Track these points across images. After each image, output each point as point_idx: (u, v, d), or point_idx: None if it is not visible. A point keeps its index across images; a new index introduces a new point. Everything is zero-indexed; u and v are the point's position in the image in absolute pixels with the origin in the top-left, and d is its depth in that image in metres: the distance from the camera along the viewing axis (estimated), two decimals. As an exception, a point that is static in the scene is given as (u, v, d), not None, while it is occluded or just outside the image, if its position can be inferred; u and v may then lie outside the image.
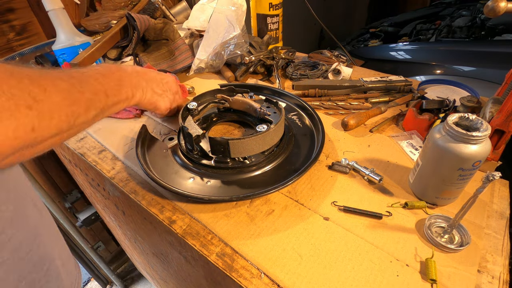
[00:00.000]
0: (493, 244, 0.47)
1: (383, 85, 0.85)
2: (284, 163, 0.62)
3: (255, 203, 0.55)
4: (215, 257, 0.47)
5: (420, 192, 0.54)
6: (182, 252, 0.57)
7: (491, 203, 0.54)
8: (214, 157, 0.62)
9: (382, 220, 0.51)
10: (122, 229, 0.92)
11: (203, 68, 1.02)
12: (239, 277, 0.44)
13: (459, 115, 0.47)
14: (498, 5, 0.46)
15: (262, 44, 1.05)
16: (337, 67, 0.93)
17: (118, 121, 0.80)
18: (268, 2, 1.02)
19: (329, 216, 0.52)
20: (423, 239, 0.48)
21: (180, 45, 1.04)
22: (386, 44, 2.28)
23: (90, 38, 1.06)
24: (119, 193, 0.65)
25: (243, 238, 0.49)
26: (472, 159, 0.44)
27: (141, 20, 0.99)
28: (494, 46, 1.73)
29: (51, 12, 0.95)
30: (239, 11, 1.02)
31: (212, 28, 0.99)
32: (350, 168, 0.60)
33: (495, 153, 0.58)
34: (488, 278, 0.43)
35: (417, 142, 0.67)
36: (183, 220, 0.53)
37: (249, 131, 0.74)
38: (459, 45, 1.84)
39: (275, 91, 0.82)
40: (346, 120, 0.71)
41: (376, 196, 0.55)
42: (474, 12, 2.28)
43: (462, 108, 0.69)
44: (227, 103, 0.75)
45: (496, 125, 0.55)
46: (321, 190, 0.57)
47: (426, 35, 2.21)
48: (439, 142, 0.47)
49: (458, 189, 0.50)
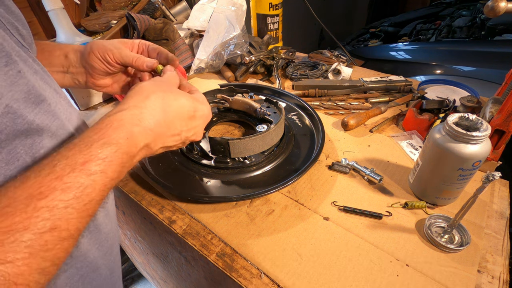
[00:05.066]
0: (493, 244, 0.47)
1: (383, 85, 0.85)
2: (284, 163, 0.62)
3: (255, 203, 0.55)
4: (215, 257, 0.47)
5: (420, 192, 0.54)
6: (182, 252, 0.57)
7: (491, 203, 0.54)
8: (214, 157, 0.62)
9: (382, 220, 0.51)
10: (122, 229, 0.92)
11: (203, 68, 1.02)
12: (239, 277, 0.44)
13: (459, 115, 0.47)
14: (498, 5, 0.46)
15: (262, 44, 1.05)
16: (337, 67, 0.93)
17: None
18: (268, 2, 1.02)
19: (329, 216, 0.52)
20: (423, 239, 0.48)
21: (180, 45, 1.04)
22: (386, 44, 2.28)
23: (90, 38, 1.06)
24: (119, 193, 0.64)
25: (243, 238, 0.49)
26: (472, 159, 0.44)
27: (141, 20, 0.99)
28: (494, 46, 1.73)
29: (51, 12, 0.95)
30: (239, 11, 1.02)
31: (212, 28, 0.99)
32: (350, 168, 0.60)
33: (495, 153, 0.58)
34: (488, 278, 0.43)
35: (417, 142, 0.67)
36: (183, 220, 0.53)
37: (249, 131, 0.74)
38: (459, 45, 1.84)
39: (275, 91, 0.82)
40: (346, 120, 0.71)
41: (376, 196, 0.55)
42: (474, 12, 2.27)
43: (462, 108, 0.69)
44: (227, 103, 0.75)
45: (496, 125, 0.55)
46: (321, 190, 0.57)
47: (426, 35, 2.21)
48: (439, 142, 0.47)
49: (458, 189, 0.50)
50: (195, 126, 0.43)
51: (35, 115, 0.30)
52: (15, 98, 0.28)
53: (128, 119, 0.33)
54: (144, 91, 0.38)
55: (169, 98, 0.39)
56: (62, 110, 0.34)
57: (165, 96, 0.38)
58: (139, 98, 0.36)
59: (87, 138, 0.30)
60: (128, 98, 0.37)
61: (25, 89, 0.29)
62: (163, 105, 0.38)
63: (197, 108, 0.43)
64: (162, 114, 0.37)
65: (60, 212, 0.25)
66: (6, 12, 0.33)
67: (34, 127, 0.30)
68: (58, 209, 0.25)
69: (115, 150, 0.30)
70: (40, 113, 0.30)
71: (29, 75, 0.30)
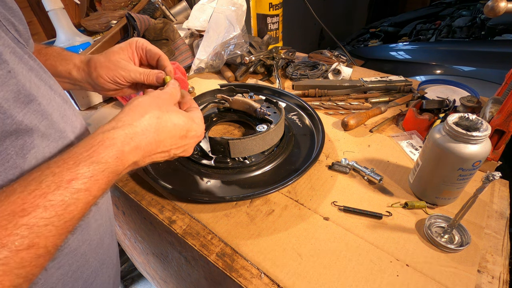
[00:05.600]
0: (493, 244, 0.47)
1: (383, 85, 0.85)
2: (284, 163, 0.62)
3: (255, 203, 0.55)
4: (215, 257, 0.47)
5: (420, 192, 0.54)
6: (182, 252, 0.57)
7: (491, 203, 0.54)
8: (214, 157, 0.62)
9: (382, 220, 0.51)
10: (122, 229, 0.92)
11: (203, 68, 1.02)
12: (239, 277, 0.44)
13: (459, 115, 0.47)
14: (498, 5, 0.46)
15: (262, 44, 1.05)
16: (337, 67, 0.93)
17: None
18: (268, 2, 1.02)
19: (329, 216, 0.52)
20: (423, 239, 0.48)
21: (180, 45, 1.04)
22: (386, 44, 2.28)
23: (90, 38, 1.06)
24: (119, 193, 0.64)
25: (243, 238, 0.49)
26: (472, 159, 0.44)
27: (141, 20, 0.99)
28: (494, 46, 1.73)
29: (51, 12, 0.95)
30: (239, 11, 1.02)
31: (212, 28, 0.99)
32: (350, 168, 0.60)
33: (495, 153, 0.58)
34: (488, 278, 0.43)
35: (417, 142, 0.67)
36: (183, 220, 0.53)
37: (249, 131, 0.74)
38: (459, 45, 1.84)
39: (275, 91, 0.82)
40: (346, 120, 0.71)
41: (376, 196, 0.55)
42: (474, 12, 2.28)
43: (462, 108, 0.69)
44: (227, 103, 0.75)
45: (496, 125, 0.55)
46: (321, 190, 0.57)
47: (426, 35, 2.21)
48: (439, 142, 0.47)
49: (458, 189, 0.50)
50: (185, 145, 0.43)
51: (23, 115, 0.29)
52: (5, 98, 0.28)
53: (120, 138, 0.33)
54: (141, 108, 0.37)
55: (164, 119, 0.38)
56: (55, 107, 0.34)
57: (160, 115, 0.38)
58: (135, 115, 0.36)
59: (77, 155, 0.30)
60: (124, 114, 0.36)
61: (15, 89, 0.29)
62: (157, 125, 0.37)
63: (190, 128, 0.42)
64: (154, 134, 0.37)
65: (39, 229, 0.25)
66: (3, 8, 0.33)
67: (23, 128, 0.30)
68: (38, 226, 0.25)
69: (103, 169, 0.30)
70: (28, 113, 0.30)
71: (21, 74, 0.30)
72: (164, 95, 0.41)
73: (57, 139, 0.34)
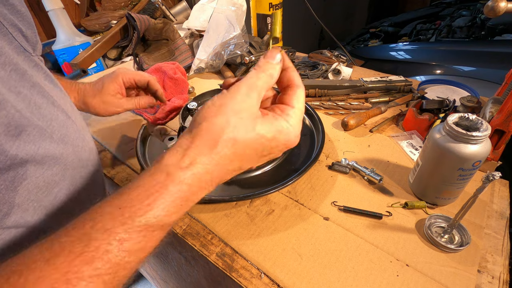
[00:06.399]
0: (493, 244, 0.47)
1: (383, 85, 0.85)
2: (284, 163, 0.62)
3: (255, 203, 0.55)
4: (215, 257, 0.47)
5: (420, 192, 0.54)
6: (182, 252, 0.57)
7: (491, 203, 0.54)
8: (214, 157, 0.62)
9: (382, 220, 0.51)
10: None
11: (203, 68, 1.02)
12: (239, 277, 0.44)
13: (459, 115, 0.47)
14: (498, 5, 0.46)
15: (262, 44, 1.05)
16: (337, 67, 0.93)
17: (118, 121, 0.80)
18: (268, 2, 1.02)
19: (329, 216, 0.52)
20: (423, 239, 0.48)
21: (180, 45, 1.04)
22: (386, 44, 2.28)
23: (90, 38, 1.06)
24: (119, 193, 0.64)
25: (243, 238, 0.49)
26: (472, 159, 0.44)
27: (141, 20, 0.99)
28: (494, 46, 1.73)
29: (51, 12, 0.95)
30: (239, 11, 1.02)
31: (212, 28, 0.99)
32: (350, 168, 0.60)
33: (495, 153, 0.58)
34: (488, 278, 0.43)
35: (417, 142, 0.67)
36: (183, 220, 0.53)
37: (249, 131, 0.74)
38: (459, 45, 1.84)
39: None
40: (346, 120, 0.71)
41: (376, 196, 0.55)
42: (474, 12, 2.28)
43: (462, 108, 0.69)
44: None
45: (496, 125, 0.55)
46: (321, 190, 0.57)
47: (426, 35, 2.22)
48: (439, 142, 0.47)
49: (458, 189, 0.50)
50: (265, 159, 0.34)
51: (17, 148, 0.27)
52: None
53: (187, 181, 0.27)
54: (214, 132, 0.28)
55: (240, 145, 0.29)
56: (55, 128, 0.32)
57: (237, 140, 0.28)
58: (207, 145, 0.28)
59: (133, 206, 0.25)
60: (198, 139, 0.28)
61: (5, 121, 0.26)
62: (232, 155, 0.29)
63: (276, 145, 0.31)
64: (228, 164, 0.29)
65: None
66: (10, 13, 0.31)
67: (18, 161, 0.28)
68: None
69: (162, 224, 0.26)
70: (22, 145, 0.28)
71: (14, 100, 0.28)
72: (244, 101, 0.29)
73: (52, 166, 0.32)
